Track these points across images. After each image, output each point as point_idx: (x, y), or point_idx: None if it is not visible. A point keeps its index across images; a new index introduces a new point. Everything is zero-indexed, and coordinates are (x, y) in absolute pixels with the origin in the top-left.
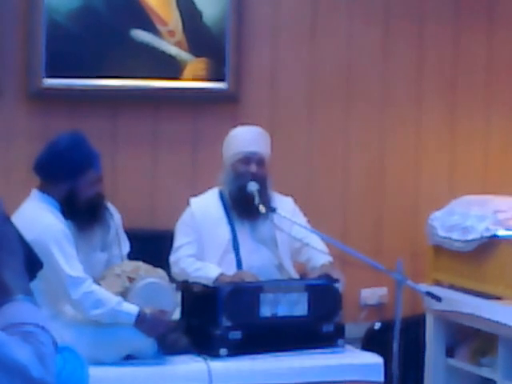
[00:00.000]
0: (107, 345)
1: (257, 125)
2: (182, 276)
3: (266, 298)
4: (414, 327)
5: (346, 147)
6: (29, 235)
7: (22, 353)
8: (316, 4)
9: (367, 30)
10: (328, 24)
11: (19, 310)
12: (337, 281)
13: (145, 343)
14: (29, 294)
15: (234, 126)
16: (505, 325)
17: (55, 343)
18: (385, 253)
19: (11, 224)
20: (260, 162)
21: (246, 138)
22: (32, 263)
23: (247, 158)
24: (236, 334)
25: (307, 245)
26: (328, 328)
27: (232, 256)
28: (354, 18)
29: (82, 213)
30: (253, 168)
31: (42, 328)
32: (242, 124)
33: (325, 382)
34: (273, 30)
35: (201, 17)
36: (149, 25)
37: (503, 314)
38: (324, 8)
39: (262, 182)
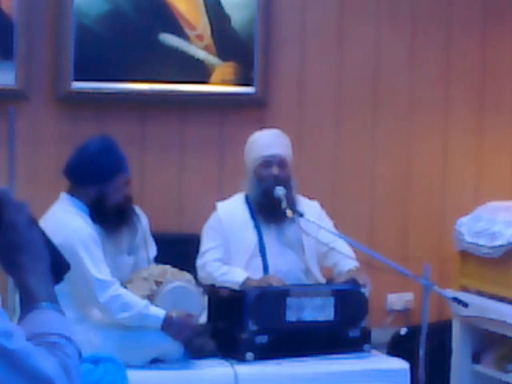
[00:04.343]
0: (134, 348)
1: (284, 129)
2: (208, 280)
3: (293, 302)
4: (440, 333)
5: (373, 152)
6: (57, 238)
7: (47, 364)
8: (343, 9)
9: (394, 35)
10: (355, 29)
11: (45, 319)
12: (363, 286)
13: (171, 347)
14: (54, 301)
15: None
16: None
17: (80, 354)
18: (411, 258)
19: (38, 228)
20: (281, 163)
21: (264, 142)
22: (59, 265)
23: (268, 162)
24: (262, 339)
25: (334, 249)
26: (354, 333)
27: (258, 260)
28: (380, 24)
29: (110, 216)
30: (274, 170)
31: (68, 339)
32: (270, 128)
33: None
34: (300, 35)
35: (229, 21)
36: (177, 29)
37: None
38: (351, 13)
39: (285, 183)
